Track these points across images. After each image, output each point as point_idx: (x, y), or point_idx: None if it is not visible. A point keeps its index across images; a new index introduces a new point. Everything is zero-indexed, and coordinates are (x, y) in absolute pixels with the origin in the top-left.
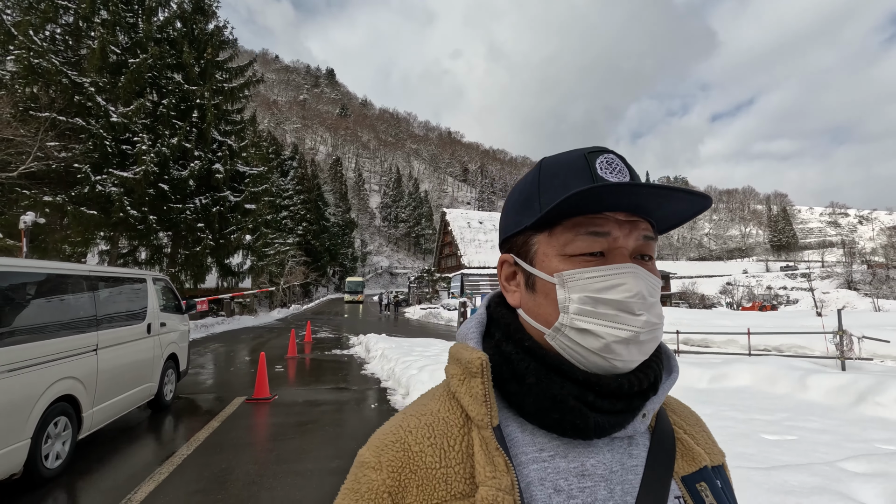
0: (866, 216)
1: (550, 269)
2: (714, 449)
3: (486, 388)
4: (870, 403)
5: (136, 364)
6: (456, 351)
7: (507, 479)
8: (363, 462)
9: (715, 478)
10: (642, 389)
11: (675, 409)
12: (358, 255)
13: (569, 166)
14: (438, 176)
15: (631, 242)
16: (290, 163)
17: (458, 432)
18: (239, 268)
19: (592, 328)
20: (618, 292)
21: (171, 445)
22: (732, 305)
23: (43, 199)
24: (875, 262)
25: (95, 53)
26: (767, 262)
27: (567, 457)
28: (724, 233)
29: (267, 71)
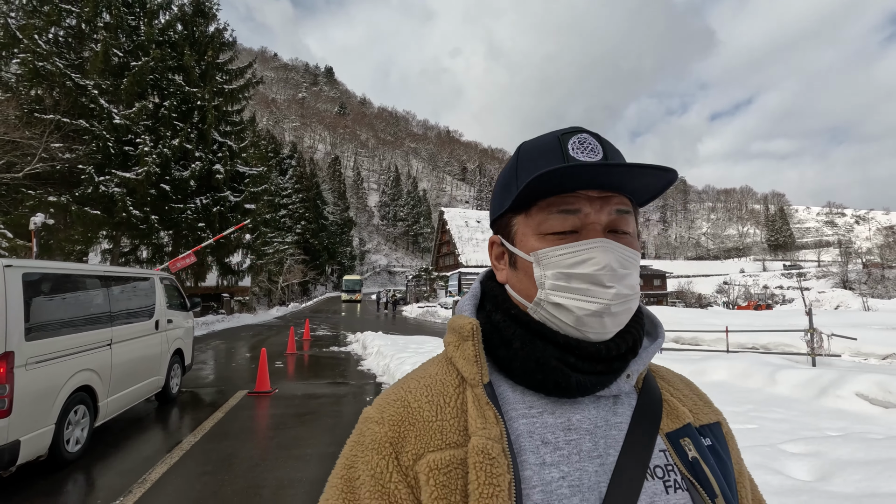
0: (863, 216)
1: (528, 248)
2: (704, 409)
3: (477, 350)
4: (830, 396)
5: (146, 358)
6: (452, 321)
7: (497, 430)
8: (367, 417)
9: (703, 435)
10: (621, 353)
11: (664, 375)
12: (356, 254)
13: (543, 149)
14: (437, 175)
15: (603, 217)
16: (288, 161)
17: (453, 391)
18: (239, 266)
19: (565, 302)
20: (587, 266)
21: (179, 433)
22: (728, 305)
23: (48, 199)
24: (871, 262)
25: (98, 56)
26: (764, 262)
27: (554, 413)
28: (721, 232)
29: (265, 69)
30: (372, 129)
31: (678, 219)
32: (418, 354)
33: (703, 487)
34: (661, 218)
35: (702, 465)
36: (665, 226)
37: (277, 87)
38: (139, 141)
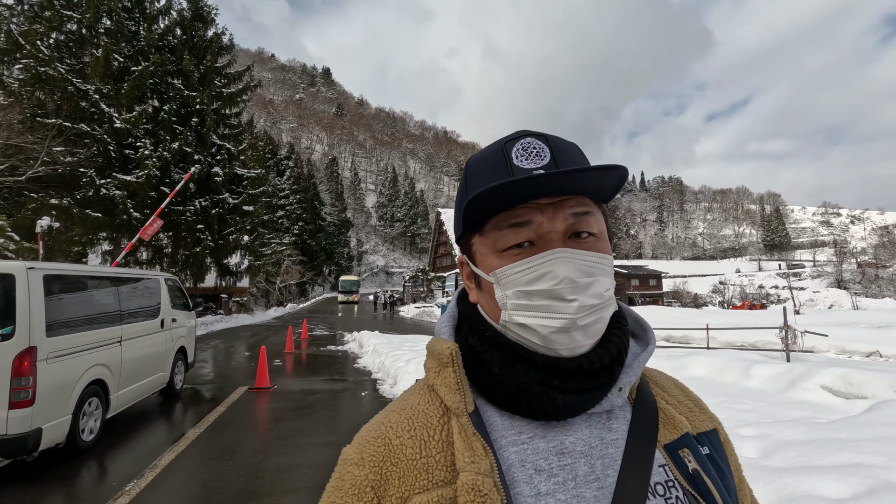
0: (858, 216)
1: (487, 267)
2: (700, 416)
3: (459, 376)
4: (798, 388)
5: (152, 355)
6: (431, 345)
7: (486, 463)
8: (346, 459)
9: (700, 444)
10: (604, 365)
11: (658, 380)
12: (354, 255)
13: (487, 162)
14: (434, 175)
15: (558, 224)
16: (286, 162)
17: (437, 422)
18: (237, 267)
19: (528, 322)
20: (545, 281)
21: (184, 425)
22: (724, 304)
23: (50, 201)
24: (865, 262)
25: (99, 61)
26: (760, 262)
27: (545, 437)
28: (717, 232)
29: (263, 70)
30: (369, 129)
31: (675, 219)
32: (412, 352)
33: (706, 500)
34: (657, 218)
35: (703, 478)
36: (661, 226)
37: (275, 88)
38: (140, 145)
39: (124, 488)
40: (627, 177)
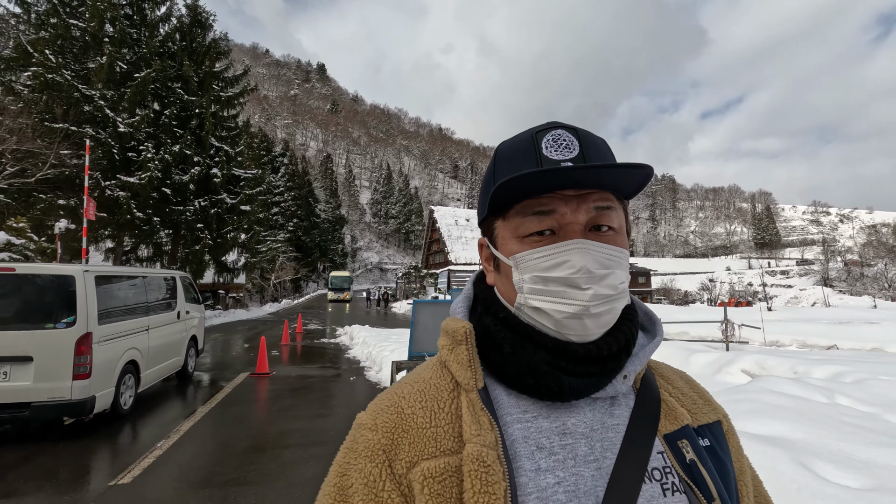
0: (847, 215)
1: (508, 252)
2: (704, 408)
3: (471, 354)
4: (723, 372)
5: (171, 342)
6: (445, 324)
7: (492, 436)
8: (361, 424)
9: (701, 435)
10: (612, 353)
11: (664, 373)
12: (348, 251)
13: (517, 149)
14: (429, 172)
15: (581, 216)
16: (280, 159)
17: (447, 396)
18: (234, 264)
19: (543, 306)
20: (562, 269)
21: (197, 402)
22: (711, 302)
23: (58, 202)
24: (851, 261)
25: (104, 68)
26: (750, 260)
27: (549, 417)
28: (709, 230)
29: (257, 65)
30: (364, 126)
31: (667, 217)
32: (397, 344)
33: (701, 490)
34: (650, 216)
35: (699, 468)
36: (654, 224)
37: (269, 84)
38: (142, 148)
39: (156, 444)
40: (652, 176)
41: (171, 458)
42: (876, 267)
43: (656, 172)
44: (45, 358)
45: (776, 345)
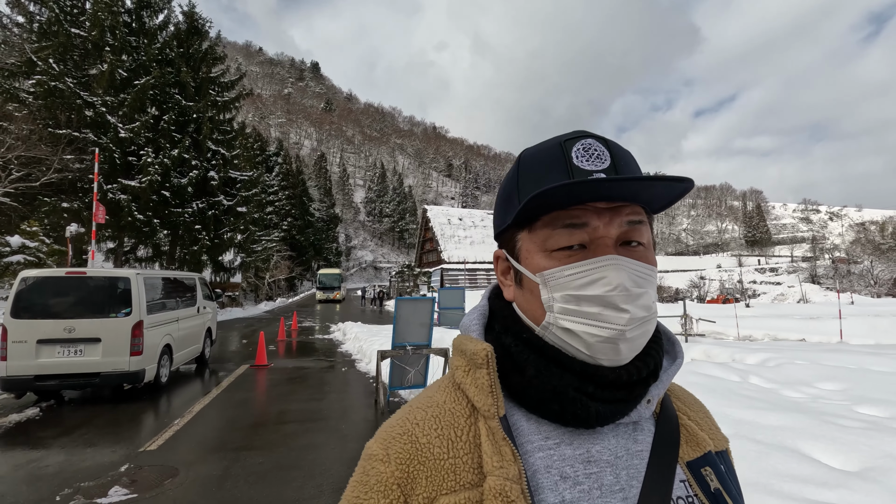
0: (837, 213)
1: (534, 267)
2: (718, 435)
3: (492, 379)
4: None
5: (193, 332)
6: (460, 342)
7: (515, 469)
8: (371, 455)
9: (719, 462)
10: (642, 378)
11: (679, 395)
12: (342, 250)
13: (545, 158)
14: (423, 171)
15: (613, 231)
16: (274, 159)
17: (464, 423)
18: (231, 264)
19: (575, 328)
20: (598, 287)
21: (206, 388)
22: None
23: (62, 205)
24: (839, 258)
25: (105, 75)
26: (740, 257)
27: (572, 444)
28: (701, 228)
29: (251, 64)
30: (358, 125)
31: (659, 215)
32: (387, 338)
33: None
34: None
35: (724, 497)
36: None
37: (263, 83)
38: (143, 153)
39: (187, 409)
40: (690, 190)
41: (187, 431)
42: (862, 264)
43: (650, 171)
44: (110, 339)
45: (749, 339)
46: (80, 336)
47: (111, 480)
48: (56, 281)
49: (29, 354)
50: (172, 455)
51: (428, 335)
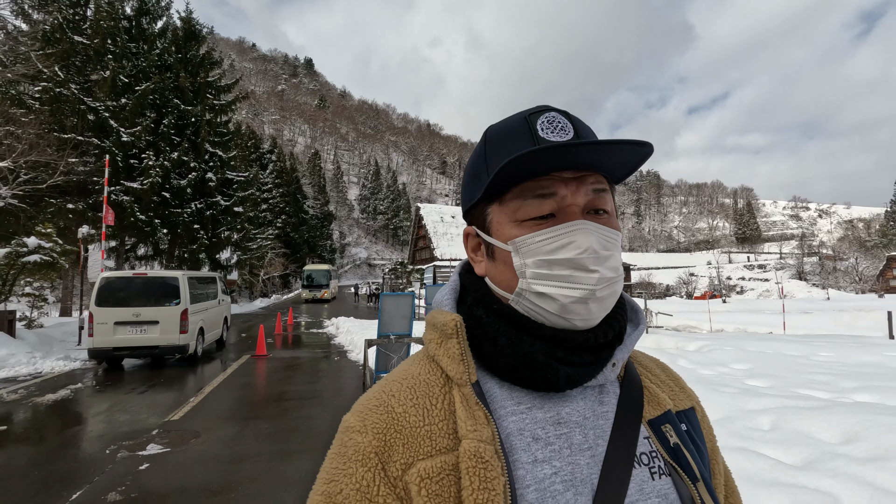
0: (826, 210)
1: (505, 237)
2: (680, 395)
3: (463, 347)
4: None
5: (216, 319)
6: (432, 317)
7: (488, 431)
8: (348, 427)
9: (680, 420)
10: (608, 341)
11: (642, 360)
12: (336, 247)
13: (511, 132)
14: (417, 168)
15: (580, 198)
16: (268, 156)
17: (439, 392)
18: (227, 262)
19: (549, 291)
20: (568, 251)
21: (219, 370)
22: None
23: (67, 206)
24: (825, 255)
25: (107, 81)
26: (730, 254)
27: (543, 408)
28: (692, 225)
29: (244, 60)
30: (352, 122)
31: (651, 212)
32: (375, 331)
33: (685, 472)
34: (635, 211)
35: (683, 451)
36: (639, 219)
37: (256, 79)
38: (144, 156)
39: (199, 390)
40: (650, 155)
41: (203, 406)
42: (848, 261)
43: (641, 169)
44: (165, 321)
45: (721, 332)
46: (144, 319)
47: (146, 440)
48: (126, 280)
49: (108, 332)
50: (193, 423)
51: (409, 326)
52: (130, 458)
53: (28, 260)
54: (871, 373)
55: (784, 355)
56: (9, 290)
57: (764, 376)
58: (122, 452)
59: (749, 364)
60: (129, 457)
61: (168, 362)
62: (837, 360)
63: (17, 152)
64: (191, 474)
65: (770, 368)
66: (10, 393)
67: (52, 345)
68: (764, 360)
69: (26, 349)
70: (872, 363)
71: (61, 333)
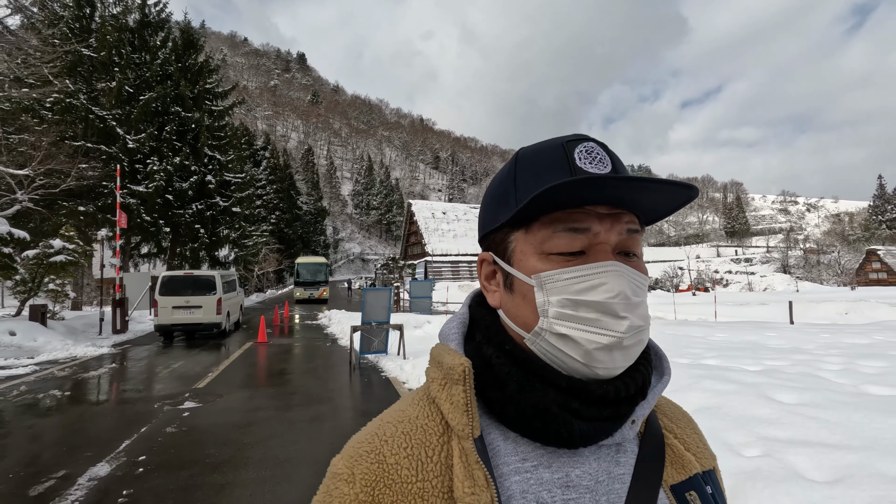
0: (814, 204)
1: (528, 269)
2: (705, 452)
3: (469, 397)
4: None
5: (236, 305)
6: (437, 353)
7: (487, 496)
8: (336, 473)
9: (705, 484)
10: (630, 395)
11: (666, 411)
12: (330, 242)
13: (545, 158)
14: (410, 163)
15: (613, 237)
16: (262, 153)
17: (436, 441)
18: (225, 259)
19: (572, 334)
20: (599, 293)
21: (227, 354)
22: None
23: (78, 209)
24: (809, 249)
25: (113, 91)
26: (718, 248)
27: (551, 467)
28: (683, 220)
29: (236, 55)
30: (345, 117)
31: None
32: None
33: None
34: None
35: None
36: None
37: (249, 74)
38: (149, 161)
39: (214, 367)
40: (693, 200)
41: (220, 379)
42: (832, 254)
43: (633, 162)
44: (207, 306)
45: (685, 321)
46: (192, 304)
47: (182, 399)
48: (180, 277)
49: (168, 314)
50: (216, 389)
51: (387, 315)
52: (174, 410)
53: (55, 259)
54: (739, 347)
55: (689, 336)
56: (37, 286)
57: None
58: (166, 407)
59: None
60: (173, 409)
61: (192, 344)
62: (726, 340)
63: (37, 160)
64: (221, 418)
65: (665, 345)
66: (59, 370)
67: (77, 334)
68: (667, 339)
69: (59, 337)
70: (750, 341)
71: (82, 325)
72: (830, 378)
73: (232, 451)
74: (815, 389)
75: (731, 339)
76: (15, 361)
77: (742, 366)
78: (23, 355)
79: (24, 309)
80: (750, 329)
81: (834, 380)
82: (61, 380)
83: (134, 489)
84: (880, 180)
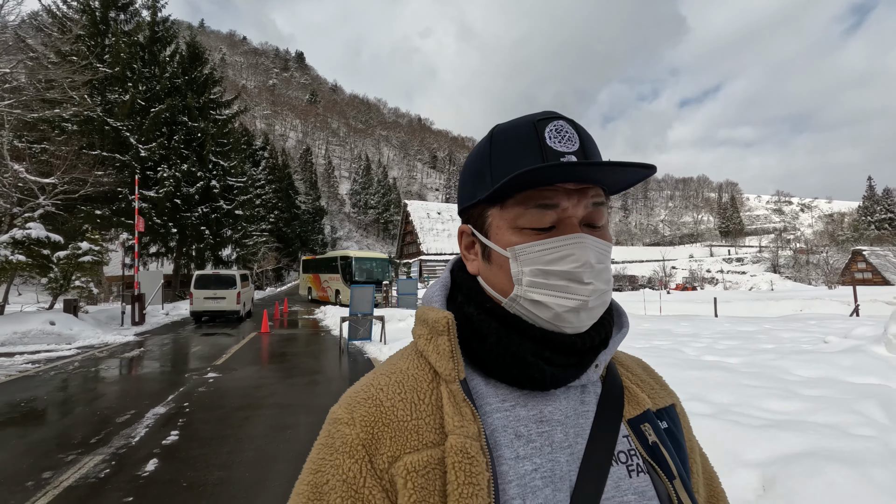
0: (808, 204)
1: (504, 242)
2: (660, 393)
3: (453, 345)
4: None
5: (249, 297)
6: (422, 313)
7: (474, 427)
8: (336, 418)
9: (659, 419)
10: (594, 345)
11: (623, 361)
12: (328, 241)
13: (517, 136)
14: (408, 163)
15: (580, 211)
16: (261, 153)
17: (426, 387)
18: (228, 258)
19: (544, 300)
20: (566, 263)
21: (236, 340)
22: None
23: (95, 212)
24: (799, 249)
25: (126, 104)
26: (712, 248)
27: (527, 406)
28: (678, 219)
29: (234, 54)
30: (343, 116)
31: (638, 206)
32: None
33: (663, 470)
34: (622, 205)
35: (661, 449)
36: (626, 213)
37: (247, 73)
38: (160, 169)
39: (227, 349)
40: (651, 175)
41: (233, 359)
42: (821, 255)
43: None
44: (229, 297)
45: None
46: (218, 296)
47: (206, 371)
48: (209, 275)
49: (201, 303)
50: (231, 365)
51: (371, 308)
52: (201, 378)
53: (82, 260)
54: (648, 332)
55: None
56: (68, 283)
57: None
58: (194, 376)
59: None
60: (200, 377)
61: (205, 333)
62: (648, 328)
63: (62, 170)
64: (238, 382)
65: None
66: (98, 353)
67: (103, 325)
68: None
69: (90, 327)
70: (664, 329)
71: (105, 318)
72: (688, 352)
73: (249, 400)
74: (668, 357)
75: (651, 328)
76: (58, 346)
77: (633, 344)
78: (62, 342)
79: (57, 303)
80: (674, 321)
81: (688, 353)
82: (102, 359)
83: (186, 419)
84: (870, 181)
